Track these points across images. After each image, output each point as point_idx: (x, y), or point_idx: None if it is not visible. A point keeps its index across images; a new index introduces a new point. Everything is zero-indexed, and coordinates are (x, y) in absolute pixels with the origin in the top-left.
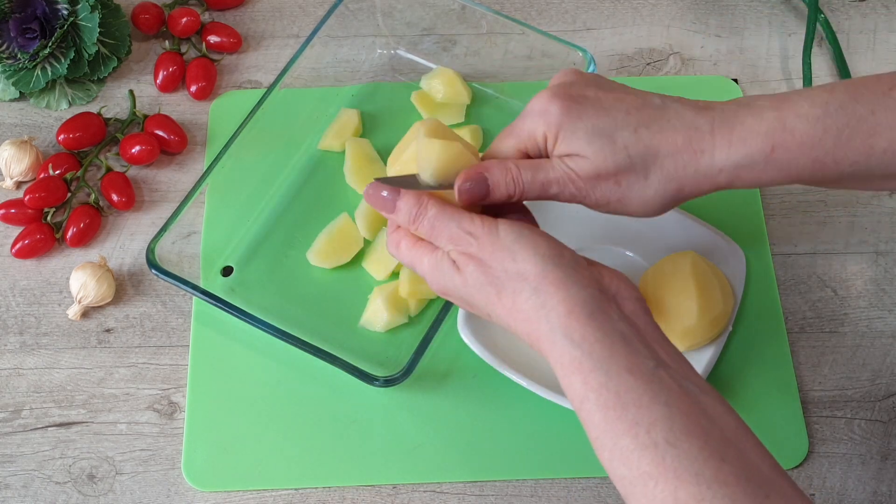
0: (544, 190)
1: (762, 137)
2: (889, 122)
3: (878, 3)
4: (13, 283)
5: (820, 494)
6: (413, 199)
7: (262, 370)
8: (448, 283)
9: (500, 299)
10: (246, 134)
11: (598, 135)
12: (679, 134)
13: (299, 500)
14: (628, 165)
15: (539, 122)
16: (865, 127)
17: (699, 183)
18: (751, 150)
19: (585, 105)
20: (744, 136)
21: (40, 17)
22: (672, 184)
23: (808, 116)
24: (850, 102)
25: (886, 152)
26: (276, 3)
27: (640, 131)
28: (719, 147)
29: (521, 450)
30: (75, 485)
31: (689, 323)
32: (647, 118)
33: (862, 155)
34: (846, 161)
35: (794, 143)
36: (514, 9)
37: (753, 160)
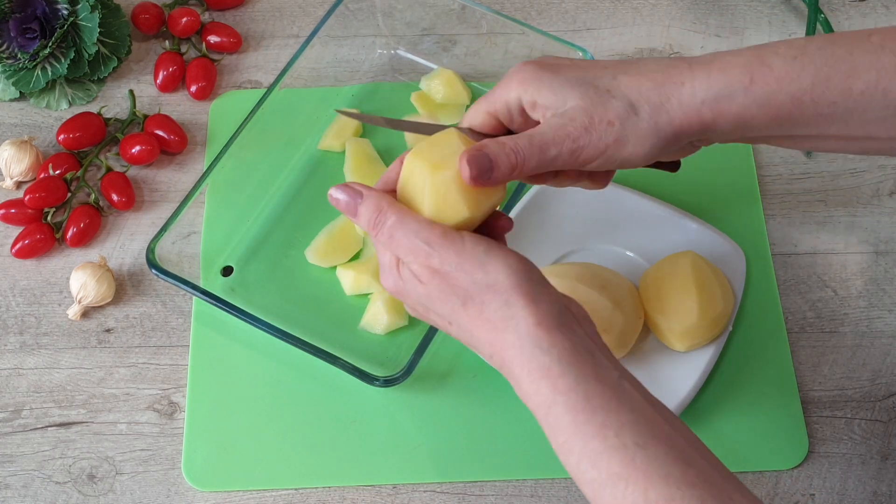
0: (543, 154)
1: (740, 69)
2: (867, 63)
3: (878, 3)
4: (13, 283)
5: (820, 494)
6: (373, 205)
7: (262, 370)
8: (408, 290)
9: (464, 309)
10: (246, 134)
11: (580, 83)
12: (658, 73)
13: (299, 500)
14: (616, 104)
15: (512, 85)
16: (843, 67)
17: (686, 114)
18: (730, 80)
19: (561, 65)
20: (722, 67)
21: (40, 17)
22: (662, 115)
23: (785, 55)
24: (829, 45)
25: (864, 94)
26: (276, 3)
27: (618, 77)
28: (699, 78)
29: (521, 450)
30: (75, 485)
31: (689, 323)
32: (625, 67)
33: (840, 95)
34: (824, 100)
35: (773, 77)
36: (514, 9)
37: (733, 90)
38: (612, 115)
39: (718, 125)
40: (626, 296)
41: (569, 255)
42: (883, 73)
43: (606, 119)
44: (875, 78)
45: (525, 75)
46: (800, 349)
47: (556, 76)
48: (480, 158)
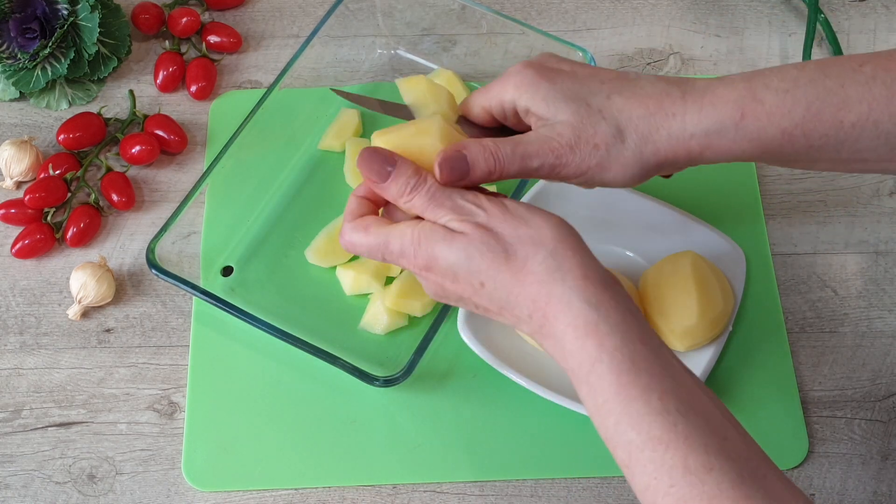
0: (524, 163)
1: (732, 105)
2: (858, 95)
3: (878, 3)
4: (13, 283)
5: (820, 494)
6: (412, 168)
7: (262, 370)
8: (437, 253)
9: (507, 263)
10: (246, 134)
11: (573, 98)
12: (651, 99)
13: (299, 500)
14: (604, 128)
15: (509, 86)
16: (835, 100)
17: (673, 147)
18: (721, 116)
19: (560, 73)
20: (714, 102)
21: (40, 17)
22: (648, 146)
23: (777, 89)
24: (820, 77)
25: (855, 126)
26: (276, 3)
27: (612, 97)
28: (690, 112)
29: (521, 450)
30: (75, 485)
31: (689, 323)
32: (620, 86)
33: (831, 128)
34: (815, 134)
35: (764, 112)
36: (514, 9)
37: (723, 126)
38: (598, 138)
39: (706, 157)
40: None
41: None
42: (874, 105)
43: (593, 142)
44: (867, 110)
45: (522, 80)
46: (800, 349)
47: (553, 86)
48: (456, 160)
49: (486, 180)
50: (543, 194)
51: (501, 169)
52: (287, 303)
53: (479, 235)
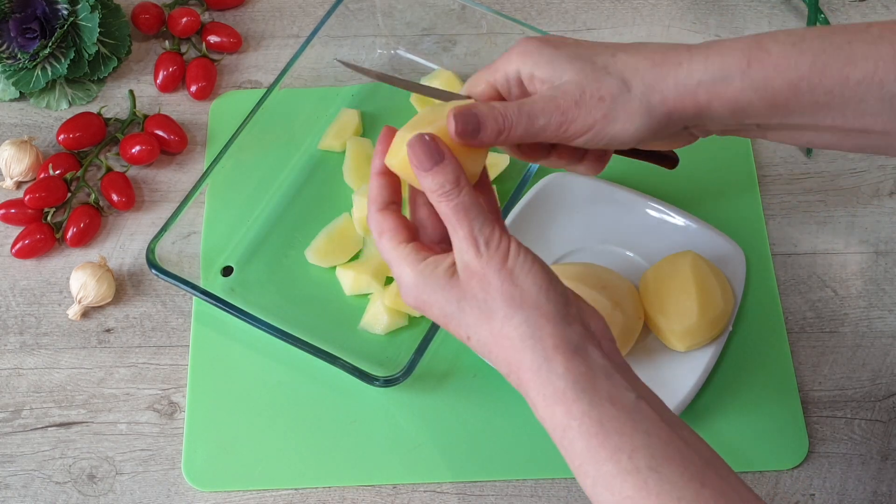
0: (530, 122)
1: (738, 53)
2: (865, 52)
3: (878, 3)
4: (13, 283)
5: (820, 494)
6: (454, 172)
7: (262, 370)
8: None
9: (488, 322)
10: (246, 134)
11: (577, 58)
12: (657, 53)
13: (299, 500)
14: (610, 79)
15: (513, 58)
16: (842, 54)
17: (680, 96)
18: (727, 63)
19: (562, 42)
20: (721, 51)
21: (40, 17)
22: (655, 94)
23: (784, 41)
24: (828, 33)
25: (861, 84)
26: (276, 3)
27: (618, 54)
28: (696, 60)
29: (521, 450)
30: (75, 485)
31: (689, 323)
32: (625, 47)
33: (837, 83)
34: (821, 88)
35: (770, 62)
36: (514, 9)
37: (730, 73)
38: (604, 90)
39: (713, 109)
40: (626, 296)
41: (569, 255)
42: (880, 64)
43: (598, 94)
44: (872, 68)
45: (526, 48)
46: (800, 349)
47: (557, 51)
48: (468, 116)
49: (496, 139)
50: (543, 194)
51: (510, 128)
52: (287, 303)
53: (471, 288)
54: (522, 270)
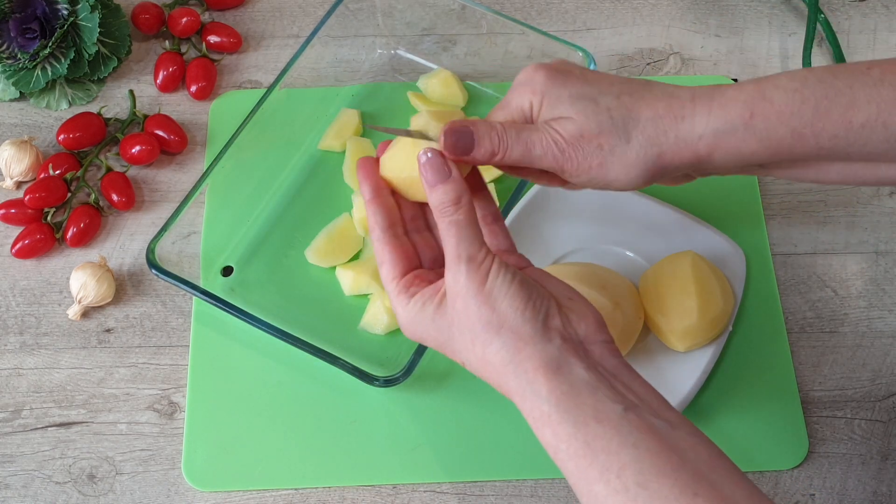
0: (527, 150)
1: (741, 104)
2: (867, 96)
3: (878, 3)
4: (13, 283)
5: (820, 494)
6: (456, 191)
7: (262, 370)
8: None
9: (473, 347)
10: (246, 134)
11: (581, 98)
12: (660, 101)
13: (299, 500)
14: (610, 127)
15: (525, 92)
16: (844, 100)
17: (679, 150)
18: (730, 115)
19: (570, 76)
20: (724, 103)
21: (40, 17)
22: (653, 148)
23: (786, 88)
24: (829, 77)
25: (864, 127)
26: (276, 3)
27: (622, 97)
28: (699, 113)
29: (521, 450)
30: (75, 485)
31: (689, 323)
32: (630, 88)
33: (840, 128)
34: (825, 134)
35: (773, 111)
36: (514, 9)
37: (733, 126)
38: (603, 137)
39: (715, 159)
40: (626, 296)
41: (569, 255)
42: (883, 107)
43: (598, 141)
44: (875, 111)
45: (535, 86)
46: (800, 349)
47: (561, 89)
48: (463, 133)
49: (490, 160)
50: (543, 194)
51: (505, 150)
52: (287, 303)
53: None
54: (500, 292)
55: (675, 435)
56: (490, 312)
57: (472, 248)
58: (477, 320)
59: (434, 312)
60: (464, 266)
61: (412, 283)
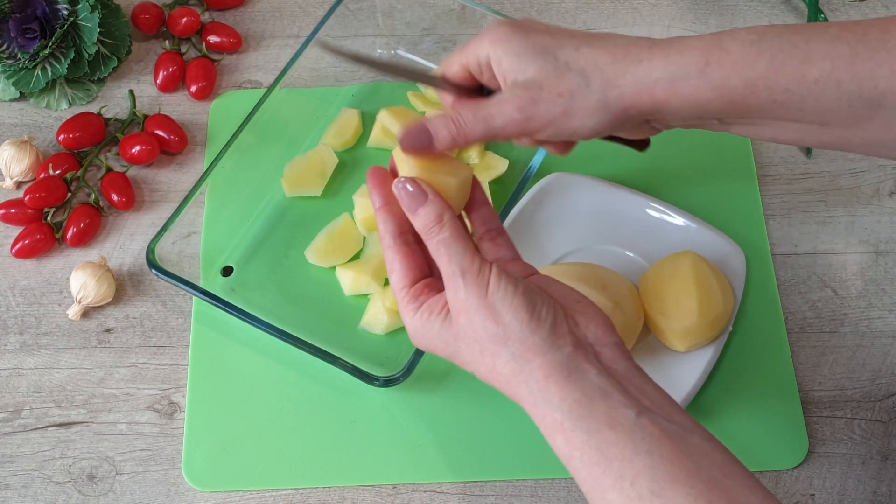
0: (487, 124)
1: (697, 52)
2: (822, 52)
3: (878, 4)
4: (13, 283)
5: (820, 494)
6: (436, 211)
7: (262, 370)
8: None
9: (482, 358)
10: (246, 134)
11: (542, 52)
12: (619, 48)
13: (299, 500)
14: (570, 75)
15: (485, 41)
16: (799, 54)
17: (638, 92)
18: (685, 62)
19: (533, 29)
20: (681, 50)
21: (40, 17)
22: (612, 90)
23: (744, 40)
24: (787, 32)
25: (818, 83)
26: (276, 3)
27: (581, 48)
28: (657, 58)
29: (521, 450)
30: (75, 485)
31: (689, 323)
32: (591, 40)
33: (794, 82)
34: (778, 87)
35: (728, 60)
36: (514, 9)
37: (688, 72)
38: (563, 87)
39: (671, 105)
40: (626, 296)
41: (569, 255)
42: (837, 63)
43: (557, 91)
44: (829, 67)
45: (497, 35)
46: (800, 349)
47: (524, 40)
48: (417, 132)
49: (453, 147)
50: (543, 194)
51: (465, 134)
52: (287, 303)
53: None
54: (503, 303)
55: (689, 440)
56: (495, 325)
57: (464, 261)
58: (483, 333)
59: (440, 326)
60: (460, 280)
61: (421, 293)
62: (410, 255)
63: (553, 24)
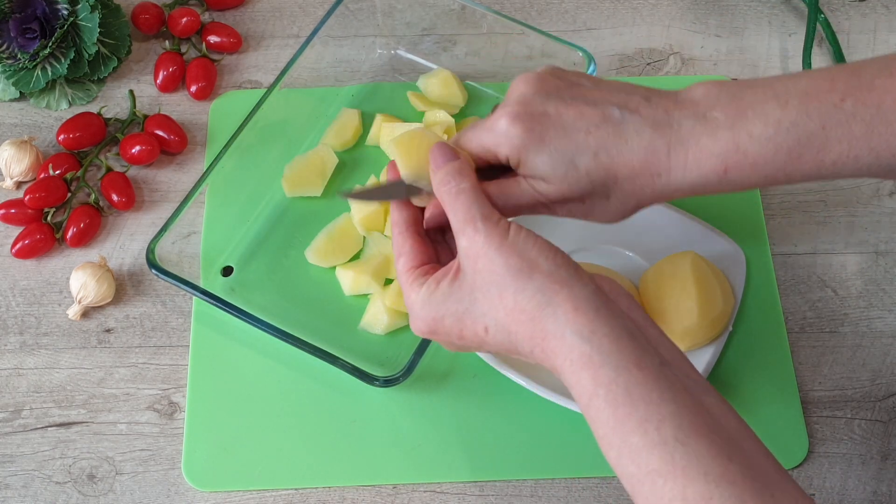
0: (516, 211)
1: (716, 159)
2: (838, 136)
3: (878, 3)
4: (13, 283)
5: (820, 494)
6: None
7: (262, 370)
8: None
9: (501, 300)
10: (246, 134)
11: (560, 161)
12: (636, 157)
13: (299, 500)
14: (590, 190)
15: (502, 143)
16: (816, 143)
17: (657, 199)
18: (704, 172)
19: (547, 126)
20: (698, 157)
21: (40, 17)
22: (631, 200)
23: (760, 137)
24: (802, 118)
25: (835, 164)
26: (276, 3)
27: (599, 156)
28: (675, 170)
29: (521, 450)
30: (75, 485)
31: (689, 323)
32: (606, 141)
33: (812, 169)
34: (797, 175)
35: (747, 163)
36: (514, 9)
37: (707, 181)
38: (584, 198)
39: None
40: None
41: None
42: (854, 143)
43: (578, 198)
44: (846, 149)
45: (512, 142)
46: (800, 349)
47: (540, 146)
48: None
49: None
50: None
51: None
52: (287, 303)
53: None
54: (526, 244)
55: (707, 400)
56: (519, 260)
57: (484, 209)
58: (505, 271)
59: (449, 286)
60: (480, 225)
61: (427, 273)
62: (421, 243)
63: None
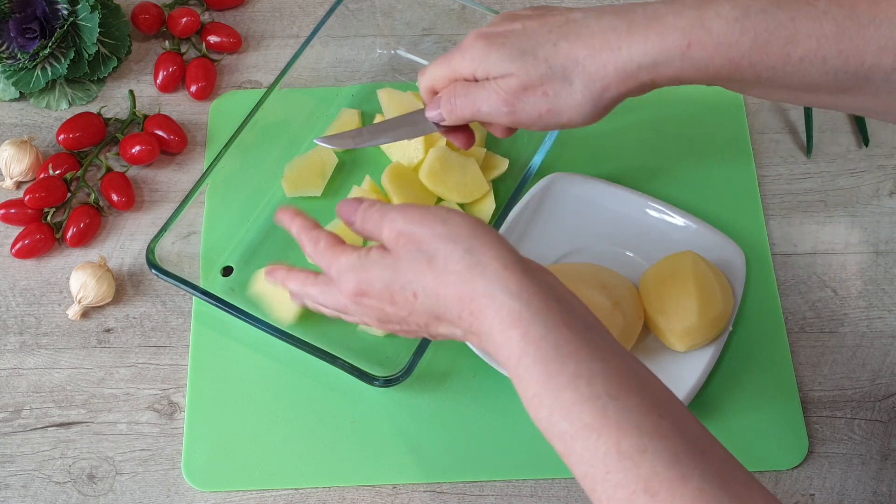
0: (476, 108)
1: (679, 33)
2: (808, 30)
3: None
4: (13, 283)
5: (820, 494)
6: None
7: (262, 370)
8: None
9: (430, 266)
10: (246, 134)
11: (520, 54)
12: (596, 37)
13: (299, 500)
14: (550, 74)
15: (466, 61)
16: (784, 33)
17: (622, 80)
18: (667, 45)
19: (509, 36)
20: (661, 31)
21: (40, 17)
22: (596, 83)
23: (727, 17)
24: (772, 7)
25: (803, 61)
26: (276, 3)
27: (559, 44)
28: (636, 43)
29: (521, 450)
30: (75, 485)
31: (689, 323)
32: (567, 31)
33: (778, 61)
34: (762, 65)
35: (711, 41)
36: (514, 8)
37: (670, 55)
38: (546, 85)
39: (657, 84)
40: (626, 296)
41: (569, 255)
42: (823, 41)
43: (541, 90)
44: (815, 46)
45: (475, 53)
46: (800, 349)
47: (502, 49)
48: None
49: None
50: (544, 194)
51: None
52: None
53: (403, 245)
54: (448, 212)
55: (633, 362)
56: (443, 226)
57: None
58: (433, 239)
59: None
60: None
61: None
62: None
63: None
